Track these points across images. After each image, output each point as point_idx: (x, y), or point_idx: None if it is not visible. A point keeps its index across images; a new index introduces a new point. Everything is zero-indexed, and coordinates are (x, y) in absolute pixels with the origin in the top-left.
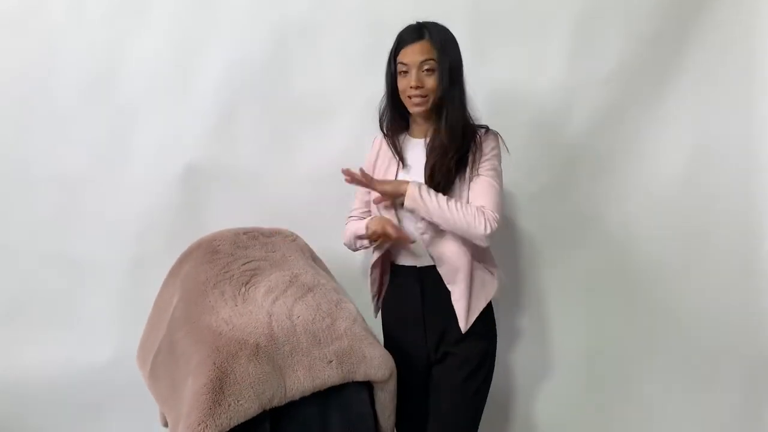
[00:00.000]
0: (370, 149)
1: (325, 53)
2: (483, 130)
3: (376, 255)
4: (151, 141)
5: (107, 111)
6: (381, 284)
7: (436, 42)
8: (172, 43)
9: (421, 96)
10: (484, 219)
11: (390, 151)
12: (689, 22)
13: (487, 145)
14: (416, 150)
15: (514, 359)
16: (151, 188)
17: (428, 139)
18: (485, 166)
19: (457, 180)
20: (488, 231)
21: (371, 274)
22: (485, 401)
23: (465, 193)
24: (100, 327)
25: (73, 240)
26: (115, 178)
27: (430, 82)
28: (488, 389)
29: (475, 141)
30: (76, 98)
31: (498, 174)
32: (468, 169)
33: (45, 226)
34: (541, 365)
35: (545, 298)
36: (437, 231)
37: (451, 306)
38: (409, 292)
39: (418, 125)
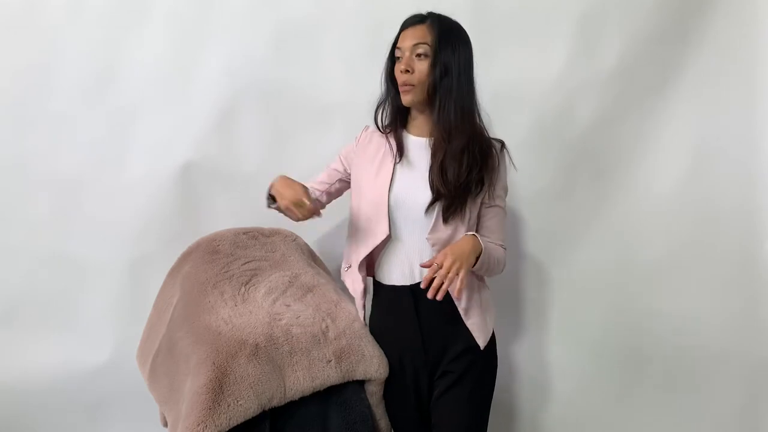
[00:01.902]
0: (357, 141)
1: (325, 53)
2: (498, 146)
3: (359, 257)
4: (151, 141)
5: (106, 111)
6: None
7: (435, 28)
8: (172, 43)
9: (410, 84)
10: (505, 260)
11: (380, 147)
12: (690, 22)
13: (503, 168)
14: (416, 149)
15: (514, 360)
16: (150, 188)
17: (432, 139)
18: (500, 194)
19: (470, 199)
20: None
21: (356, 289)
22: (489, 409)
23: (473, 212)
24: (99, 327)
25: (72, 240)
26: (115, 178)
27: (421, 68)
28: (491, 398)
29: (492, 159)
30: (75, 98)
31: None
32: (483, 191)
33: (44, 227)
34: (542, 366)
35: (546, 298)
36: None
37: (451, 320)
38: (402, 315)
39: (417, 121)
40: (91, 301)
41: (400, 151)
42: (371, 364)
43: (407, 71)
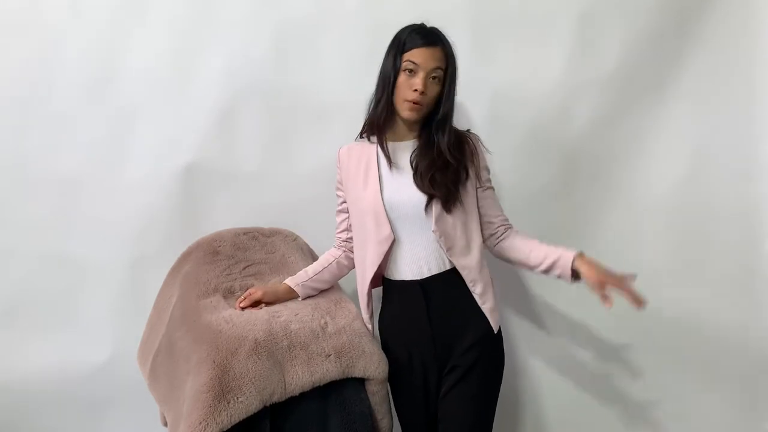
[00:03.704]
0: (338, 165)
1: (325, 53)
2: (472, 135)
3: (372, 267)
4: (151, 141)
5: (107, 111)
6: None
7: (448, 53)
8: (172, 43)
9: (420, 103)
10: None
11: (360, 159)
12: (689, 22)
13: (481, 152)
14: (398, 152)
15: (516, 359)
16: (150, 188)
17: (415, 143)
18: (486, 176)
19: (461, 188)
20: None
21: (368, 290)
22: (496, 406)
23: (468, 198)
24: (99, 327)
25: (72, 240)
26: (115, 179)
27: (433, 90)
28: (498, 394)
29: (468, 147)
30: (75, 98)
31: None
32: (470, 177)
33: (44, 227)
34: (543, 365)
35: (546, 298)
36: (453, 239)
37: (460, 313)
38: (412, 310)
39: (400, 127)
40: (91, 301)
41: (388, 157)
42: (372, 360)
43: (422, 93)
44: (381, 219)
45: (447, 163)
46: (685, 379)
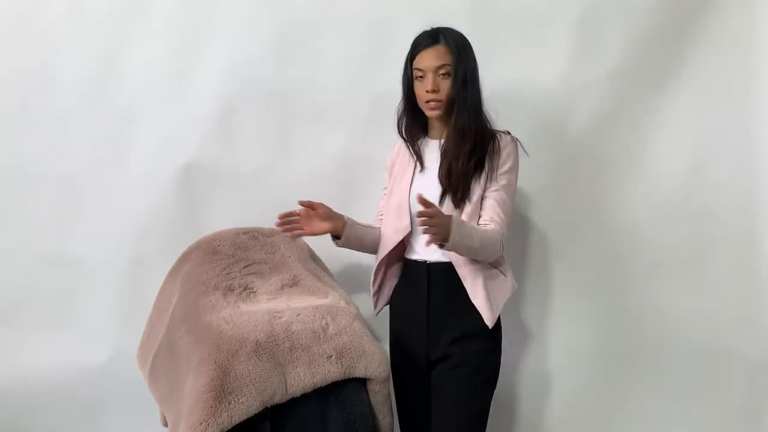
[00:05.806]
0: (391, 152)
1: (326, 53)
2: (503, 135)
3: (383, 252)
4: (151, 141)
5: (107, 111)
6: (383, 279)
7: (451, 46)
8: (172, 43)
9: (437, 101)
10: (500, 243)
11: (407, 154)
12: (690, 22)
13: (506, 152)
14: (433, 151)
15: (514, 358)
16: (150, 188)
17: (443, 141)
18: (502, 179)
19: (473, 182)
20: (500, 253)
21: (376, 269)
22: (490, 402)
23: (478, 196)
24: (99, 327)
25: (72, 240)
26: (115, 179)
27: (446, 86)
28: (493, 390)
29: (493, 145)
30: (75, 98)
31: (512, 186)
32: (484, 174)
33: (44, 227)
34: (542, 364)
35: (546, 298)
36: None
37: (457, 303)
38: (416, 287)
39: (435, 127)
40: (91, 301)
41: (420, 158)
42: (372, 360)
43: (435, 91)
44: (403, 212)
45: (459, 155)
46: (684, 379)
